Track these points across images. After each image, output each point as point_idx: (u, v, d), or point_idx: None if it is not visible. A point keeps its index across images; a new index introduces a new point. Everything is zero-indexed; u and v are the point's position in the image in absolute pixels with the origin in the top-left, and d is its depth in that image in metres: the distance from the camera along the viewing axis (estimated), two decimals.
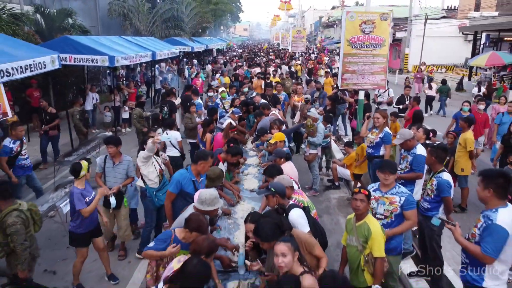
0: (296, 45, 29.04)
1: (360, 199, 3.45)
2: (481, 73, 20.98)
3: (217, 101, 10.02)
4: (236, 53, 39.35)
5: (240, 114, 7.78)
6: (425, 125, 6.94)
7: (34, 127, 11.21)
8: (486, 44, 24.91)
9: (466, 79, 22.16)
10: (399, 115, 8.96)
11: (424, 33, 26.33)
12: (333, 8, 62.16)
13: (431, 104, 14.91)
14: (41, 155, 9.09)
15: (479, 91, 14.16)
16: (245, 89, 11.28)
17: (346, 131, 11.39)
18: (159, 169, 5.35)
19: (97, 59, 10.19)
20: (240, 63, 22.40)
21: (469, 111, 8.15)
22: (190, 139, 8.41)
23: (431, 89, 14.88)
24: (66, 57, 9.81)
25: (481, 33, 23.84)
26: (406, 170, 5.19)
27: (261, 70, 17.11)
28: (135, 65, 16.96)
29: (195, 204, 3.73)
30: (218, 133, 7.16)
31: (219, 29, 55.86)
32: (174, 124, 7.52)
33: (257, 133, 6.99)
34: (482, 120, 8.55)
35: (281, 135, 5.90)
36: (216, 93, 10.66)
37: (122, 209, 5.33)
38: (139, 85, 16.14)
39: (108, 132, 11.72)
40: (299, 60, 27.02)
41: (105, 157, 5.36)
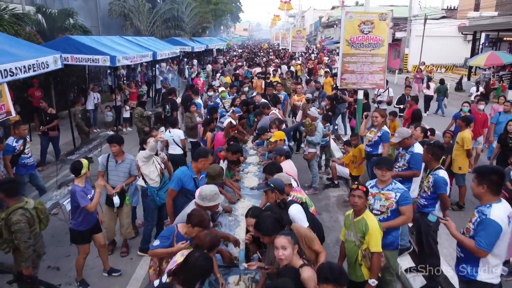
0: (296, 45, 29.04)
1: (358, 195, 3.53)
2: (480, 73, 21.04)
3: (217, 101, 10.08)
4: (236, 53, 39.38)
5: (240, 113, 7.86)
6: (424, 124, 7.01)
7: (35, 127, 11.26)
8: (485, 44, 24.99)
9: (465, 79, 22.18)
10: (398, 114, 9.01)
11: (423, 33, 26.34)
12: (333, 8, 62.28)
13: (429, 104, 14.85)
14: (40, 156, 9.03)
15: (477, 91, 14.21)
16: (245, 89, 11.35)
17: (345, 130, 11.45)
18: (160, 168, 5.42)
19: (98, 59, 10.27)
20: (240, 63, 22.44)
21: (468, 111, 8.18)
22: (190, 138, 8.47)
23: (429, 89, 14.84)
24: (68, 57, 9.88)
25: (480, 33, 23.90)
26: (403, 168, 5.26)
27: (261, 70, 17.17)
28: (135, 65, 17.03)
29: (196, 200, 3.80)
30: (218, 132, 7.25)
31: (219, 29, 55.88)
32: (177, 122, 7.60)
33: (257, 131, 7.08)
34: (481, 120, 8.54)
35: (281, 133, 5.97)
36: (216, 93, 10.74)
37: (124, 207, 5.40)
38: (140, 85, 16.22)
39: (109, 131, 11.80)
40: (299, 60, 27.06)
41: (107, 156, 5.40)
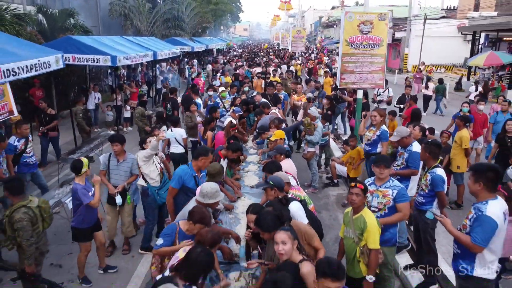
0: (296, 45, 29.08)
1: (356, 193, 3.58)
2: (479, 73, 21.10)
3: (217, 100, 10.13)
4: (236, 53, 39.42)
5: (240, 113, 7.92)
6: (423, 123, 7.06)
7: (36, 127, 11.31)
8: (485, 44, 25.04)
9: (465, 79, 22.22)
10: (397, 114, 9.05)
11: (423, 33, 26.39)
12: (333, 8, 62.33)
13: (427, 104, 14.86)
14: (41, 156, 9.06)
15: (476, 90, 14.26)
16: (245, 89, 11.40)
17: (345, 130, 11.51)
18: (160, 168, 5.47)
19: (99, 59, 10.31)
20: (240, 63, 22.49)
21: (468, 111, 8.20)
22: (190, 138, 8.50)
23: (427, 89, 14.86)
24: (69, 57, 9.93)
25: (480, 33, 23.97)
26: (402, 166, 5.32)
27: (262, 69, 17.22)
28: (136, 65, 17.08)
29: (197, 197, 3.85)
30: (219, 132, 7.30)
31: (219, 29, 55.93)
32: (178, 121, 7.66)
33: (258, 130, 7.15)
34: (481, 120, 8.52)
35: (281, 132, 6.02)
36: (216, 93, 10.80)
37: (125, 206, 5.45)
38: (140, 84, 16.28)
39: (110, 130, 11.86)
40: (299, 60, 27.11)
41: (109, 155, 5.44)
